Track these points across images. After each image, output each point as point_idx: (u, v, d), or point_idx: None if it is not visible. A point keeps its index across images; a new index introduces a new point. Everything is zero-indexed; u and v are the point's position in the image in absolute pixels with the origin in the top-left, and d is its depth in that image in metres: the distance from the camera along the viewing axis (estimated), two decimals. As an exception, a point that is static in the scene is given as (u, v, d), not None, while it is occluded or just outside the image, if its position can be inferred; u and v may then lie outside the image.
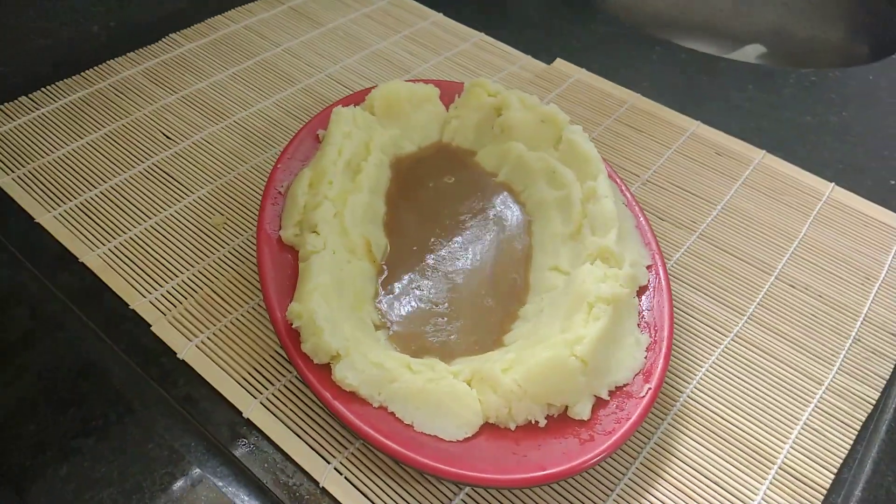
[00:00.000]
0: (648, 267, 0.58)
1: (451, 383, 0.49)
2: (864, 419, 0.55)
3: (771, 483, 0.51)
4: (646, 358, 0.52)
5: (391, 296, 0.58)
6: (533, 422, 0.49)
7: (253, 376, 0.54)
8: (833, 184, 0.73)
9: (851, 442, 0.54)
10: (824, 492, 0.51)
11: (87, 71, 0.79)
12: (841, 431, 0.54)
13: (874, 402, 0.56)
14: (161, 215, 0.65)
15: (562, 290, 0.55)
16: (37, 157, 0.69)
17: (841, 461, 0.53)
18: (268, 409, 0.52)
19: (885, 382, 0.57)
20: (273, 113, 0.76)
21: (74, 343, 0.56)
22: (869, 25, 1.05)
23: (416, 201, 0.65)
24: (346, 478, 0.49)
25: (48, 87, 0.77)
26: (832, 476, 0.52)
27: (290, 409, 0.53)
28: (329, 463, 0.50)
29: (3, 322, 0.57)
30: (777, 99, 0.84)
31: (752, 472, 0.52)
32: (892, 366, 0.59)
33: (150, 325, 0.57)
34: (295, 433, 0.51)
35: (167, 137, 0.73)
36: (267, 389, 0.54)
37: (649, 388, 0.50)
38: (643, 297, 0.56)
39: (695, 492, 0.50)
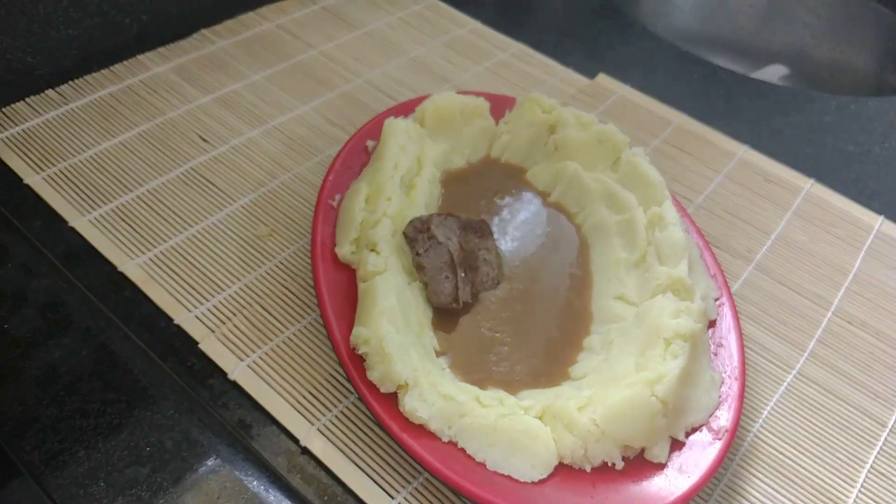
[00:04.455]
0: (715, 299, 0.57)
1: (525, 421, 0.47)
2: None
3: (843, 530, 0.50)
4: (720, 397, 0.51)
5: (449, 320, 0.55)
6: (609, 464, 0.47)
7: (308, 400, 0.52)
8: (882, 216, 0.72)
9: (919, 488, 0.53)
10: (896, 540, 0.50)
11: (116, 65, 0.75)
12: (908, 477, 0.53)
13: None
14: (203, 224, 0.62)
15: (632, 323, 0.54)
16: (66, 155, 0.66)
17: (911, 508, 0.52)
18: (326, 436, 0.50)
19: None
20: (313, 119, 0.74)
21: (120, 361, 0.53)
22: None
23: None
24: (411, 515, 0.47)
25: (76, 81, 0.73)
26: (903, 524, 0.51)
27: (349, 438, 0.50)
28: (393, 498, 0.48)
29: (45, 335, 0.53)
30: (819, 125, 0.83)
31: (824, 519, 0.50)
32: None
33: (198, 343, 0.54)
34: (356, 464, 0.49)
35: (204, 140, 0.70)
36: (324, 416, 0.51)
37: (725, 430, 0.49)
38: (712, 332, 0.55)
39: (769, 538, 0.49)
